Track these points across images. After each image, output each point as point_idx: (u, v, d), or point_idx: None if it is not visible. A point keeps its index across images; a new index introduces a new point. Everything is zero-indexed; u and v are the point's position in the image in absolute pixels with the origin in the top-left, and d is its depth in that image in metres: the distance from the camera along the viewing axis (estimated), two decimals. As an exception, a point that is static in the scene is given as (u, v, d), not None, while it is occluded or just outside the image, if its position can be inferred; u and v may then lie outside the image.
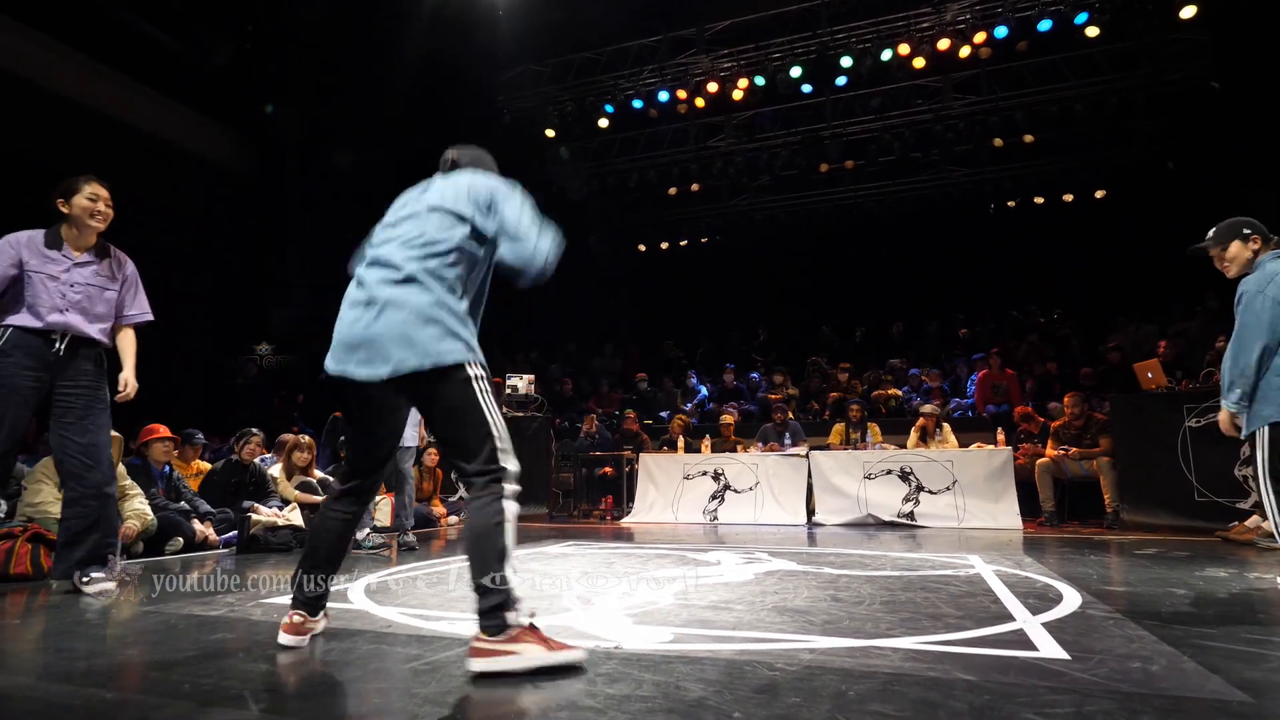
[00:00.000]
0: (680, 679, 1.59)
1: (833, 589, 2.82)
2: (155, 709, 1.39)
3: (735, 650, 1.85)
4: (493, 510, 1.70)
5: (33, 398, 2.87)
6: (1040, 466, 6.08)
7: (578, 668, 1.65)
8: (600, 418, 8.99)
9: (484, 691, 1.52)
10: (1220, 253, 2.91)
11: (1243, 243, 2.86)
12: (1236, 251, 2.87)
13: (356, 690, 1.53)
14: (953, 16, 9.46)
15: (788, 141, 11.43)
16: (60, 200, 3.03)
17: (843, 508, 6.36)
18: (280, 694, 1.48)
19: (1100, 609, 2.38)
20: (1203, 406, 5.07)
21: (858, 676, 1.61)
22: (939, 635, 2.01)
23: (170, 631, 2.09)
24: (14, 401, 2.81)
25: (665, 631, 2.06)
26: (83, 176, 3.07)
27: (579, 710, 1.39)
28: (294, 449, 5.32)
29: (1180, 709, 1.40)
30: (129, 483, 3.99)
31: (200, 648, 1.88)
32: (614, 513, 7.37)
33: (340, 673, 1.66)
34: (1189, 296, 8.84)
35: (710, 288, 13.10)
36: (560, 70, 11.19)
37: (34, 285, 2.90)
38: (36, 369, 2.86)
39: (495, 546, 1.67)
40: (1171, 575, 3.13)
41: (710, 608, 2.45)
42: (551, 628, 2.11)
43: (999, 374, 8.18)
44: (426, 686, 1.55)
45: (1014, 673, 1.64)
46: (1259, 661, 1.74)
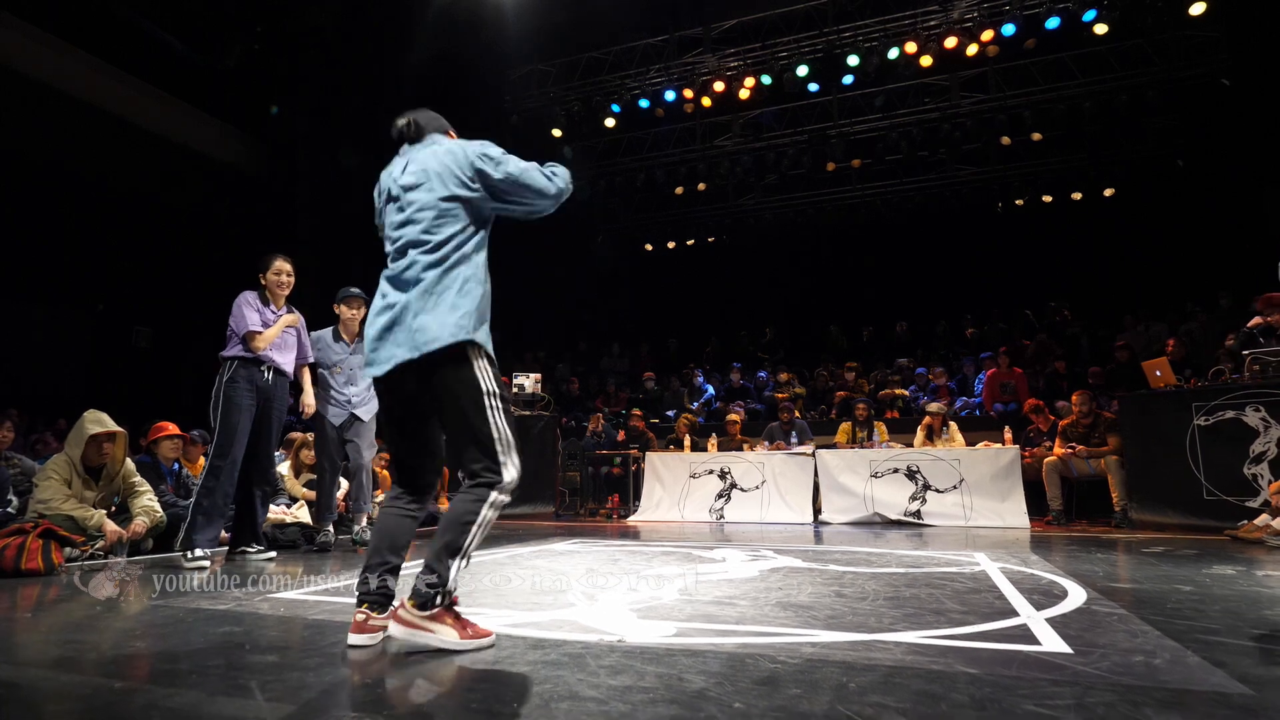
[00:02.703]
0: (682, 671, 1.60)
1: (837, 585, 2.82)
2: (165, 698, 1.41)
3: (737, 644, 1.86)
4: (470, 509, 1.78)
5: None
6: (1048, 465, 6.05)
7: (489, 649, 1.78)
8: (607, 417, 9.00)
9: (485, 685, 1.54)
10: None
11: None
12: None
13: (357, 681, 1.55)
14: (960, 14, 9.43)
15: (794, 140, 11.43)
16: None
17: (849, 506, 6.35)
18: (285, 685, 1.50)
19: (1105, 605, 2.38)
20: (1211, 405, 5.04)
21: (859, 669, 1.61)
22: (942, 630, 2.01)
23: (178, 625, 2.12)
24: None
25: (668, 626, 2.07)
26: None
27: (580, 700, 1.40)
28: (302, 447, 5.37)
29: (1181, 702, 1.40)
30: (138, 479, 4.03)
31: (208, 640, 1.90)
32: (620, 511, 7.39)
33: (344, 664, 1.68)
34: (1200, 295, 8.78)
35: (717, 287, 13.11)
36: (567, 70, 11.23)
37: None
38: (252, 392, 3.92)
39: (457, 540, 1.77)
40: (1178, 573, 3.12)
41: (714, 603, 2.46)
42: (557, 622, 2.13)
43: (1007, 373, 8.14)
44: (428, 679, 1.56)
45: (1016, 666, 1.64)
46: (1264, 657, 1.74)
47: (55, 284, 9.15)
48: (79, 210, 9.04)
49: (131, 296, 9.72)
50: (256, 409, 3.90)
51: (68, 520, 3.60)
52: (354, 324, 4.56)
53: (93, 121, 8.99)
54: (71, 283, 9.31)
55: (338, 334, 4.59)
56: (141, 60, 9.30)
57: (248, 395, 3.84)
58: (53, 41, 8.52)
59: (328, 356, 4.53)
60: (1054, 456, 6.08)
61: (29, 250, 8.60)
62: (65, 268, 9.14)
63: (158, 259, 9.58)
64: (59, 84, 8.61)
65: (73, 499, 3.70)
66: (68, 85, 8.71)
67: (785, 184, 12.16)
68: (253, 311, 3.92)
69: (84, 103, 8.86)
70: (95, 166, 9.20)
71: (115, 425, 3.89)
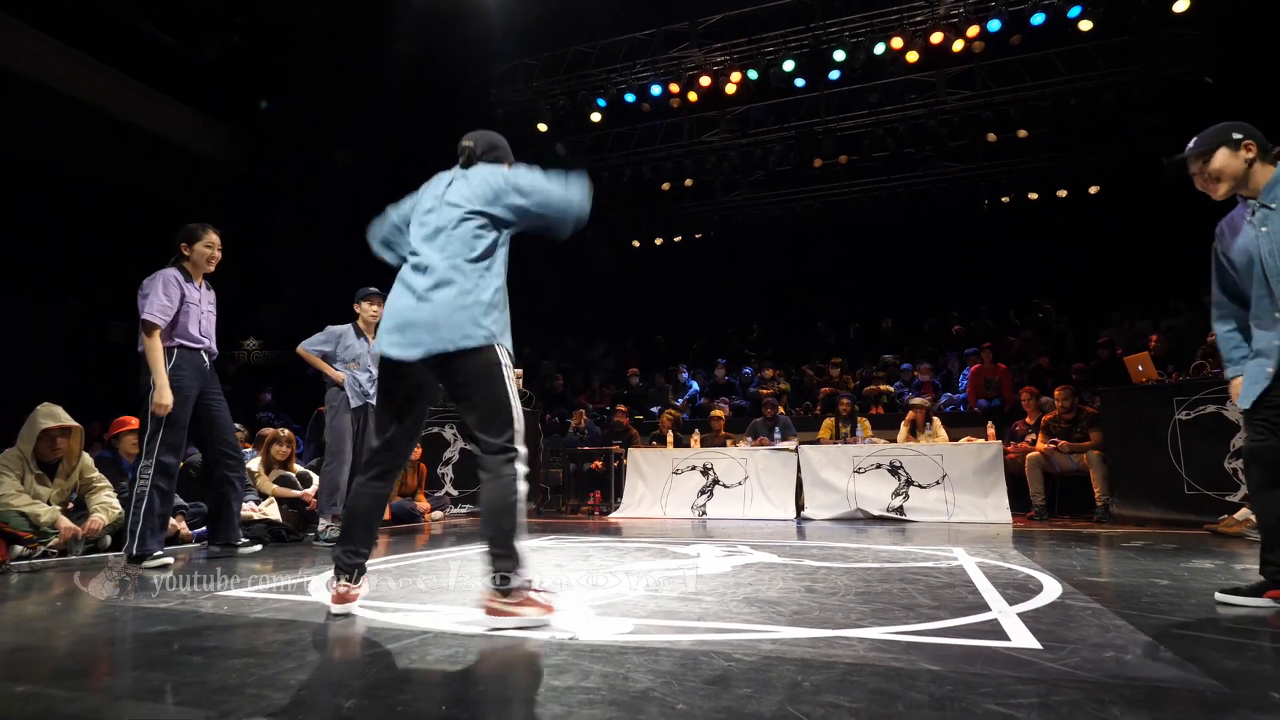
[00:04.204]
0: (631, 670, 1.52)
1: (809, 580, 2.75)
2: (66, 703, 1.31)
3: (694, 641, 1.78)
4: (508, 489, 1.98)
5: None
6: (1030, 461, 6.00)
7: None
8: (590, 413, 8.91)
9: (416, 686, 1.45)
10: (1203, 166, 2.27)
11: (1232, 150, 2.22)
12: (1224, 162, 2.23)
13: (285, 682, 1.45)
14: (945, 10, 9.38)
15: (781, 136, 11.35)
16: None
17: (832, 502, 6.29)
18: (204, 687, 1.40)
19: (1080, 599, 2.31)
20: (1193, 399, 5.00)
21: (817, 667, 1.53)
22: (909, 625, 1.93)
23: (110, 625, 2.02)
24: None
25: (626, 623, 1.99)
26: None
27: (514, 703, 1.31)
28: (273, 442, 5.24)
29: (1152, 699, 1.32)
30: (96, 475, 3.91)
31: (136, 640, 1.80)
32: (602, 508, 7.30)
33: (275, 665, 1.59)
34: (1184, 292, 8.78)
35: (704, 283, 13.02)
36: (552, 64, 11.11)
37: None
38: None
39: (510, 522, 1.97)
40: (1156, 567, 3.06)
41: (679, 599, 2.37)
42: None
43: (991, 368, 8.11)
44: (362, 679, 1.47)
45: (981, 663, 1.57)
46: (1238, 651, 1.67)
47: (29, 279, 8.96)
48: (53, 204, 8.85)
49: (107, 291, 9.53)
50: (197, 398, 3.67)
51: (19, 517, 3.48)
52: (374, 322, 4.70)
53: (68, 113, 8.80)
54: (46, 278, 9.12)
55: (359, 330, 4.76)
56: (118, 50, 9.11)
57: (193, 386, 3.63)
58: (24, 30, 8.33)
59: (350, 352, 4.68)
60: (1036, 452, 6.04)
61: (2, 245, 8.41)
62: (40, 262, 8.94)
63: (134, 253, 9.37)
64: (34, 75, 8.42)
65: (25, 495, 3.57)
66: (42, 75, 8.52)
67: (772, 180, 12.07)
68: (166, 299, 3.56)
69: (59, 93, 8.67)
70: (70, 159, 9.01)
71: (70, 419, 3.77)
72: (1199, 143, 2.29)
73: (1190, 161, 2.32)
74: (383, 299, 4.81)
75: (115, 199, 9.35)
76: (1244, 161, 2.22)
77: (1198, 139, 2.30)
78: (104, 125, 9.17)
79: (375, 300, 4.74)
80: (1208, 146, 2.26)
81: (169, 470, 3.52)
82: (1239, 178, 2.24)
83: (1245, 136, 2.22)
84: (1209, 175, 2.27)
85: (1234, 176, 2.24)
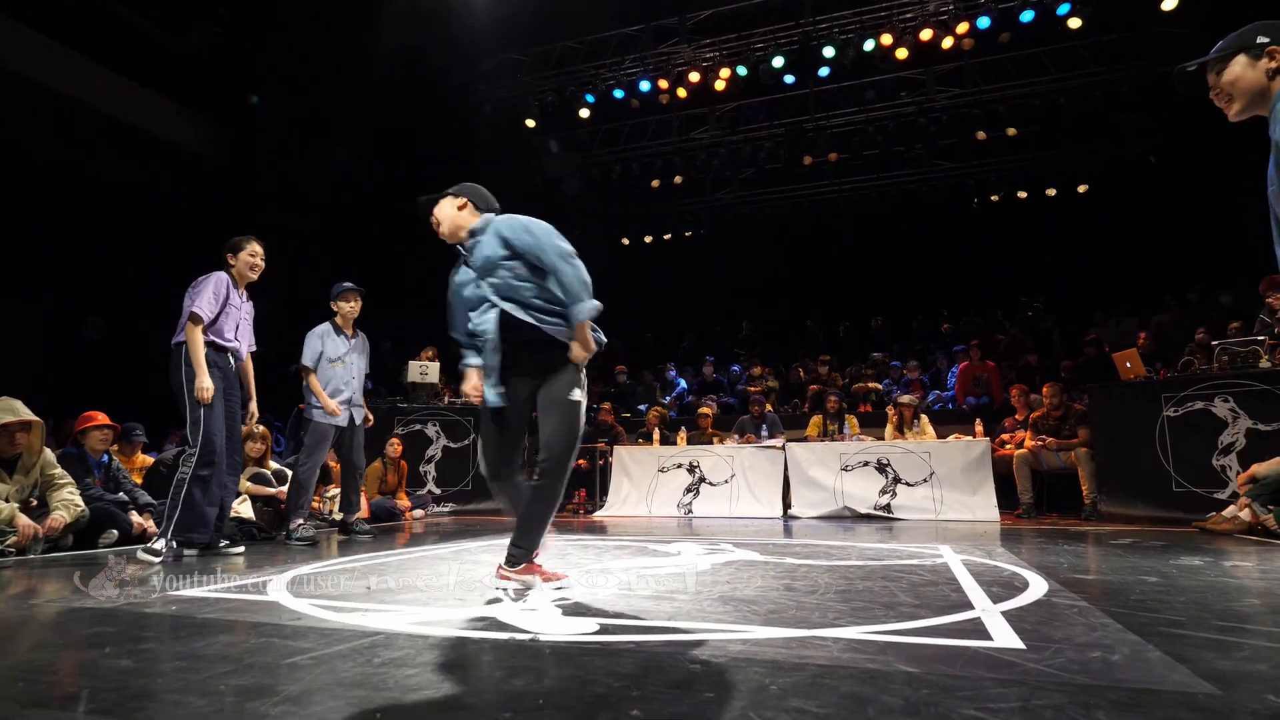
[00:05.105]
0: (590, 673, 1.42)
1: (789, 578, 2.66)
2: (-32, 709, 1.20)
3: (662, 641, 1.69)
4: (551, 497, 2.37)
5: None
6: (1018, 458, 5.95)
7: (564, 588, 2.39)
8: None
9: (350, 690, 1.34)
10: (1216, 78, 1.74)
11: (1252, 59, 1.66)
12: (1239, 73, 1.67)
13: (213, 688, 1.35)
14: (935, 7, 9.34)
15: (771, 134, 11.28)
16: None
17: (819, 500, 6.22)
18: (124, 693, 1.29)
19: (1066, 597, 2.23)
20: (1181, 396, 4.96)
21: (787, 669, 1.44)
22: (889, 625, 1.85)
23: (41, 626, 1.90)
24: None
25: (592, 623, 1.89)
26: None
27: (460, 710, 1.22)
28: (246, 439, 5.11)
29: (1140, 703, 1.24)
30: (58, 472, 3.77)
31: (67, 643, 1.69)
32: (587, 506, 7.20)
33: (209, 668, 1.48)
34: (1173, 290, 8.78)
35: (694, 282, 12.93)
36: (540, 60, 10.99)
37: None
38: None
39: (542, 524, 2.41)
40: (1144, 564, 2.99)
41: (651, 598, 2.28)
42: (474, 619, 1.95)
43: (979, 366, 8.07)
44: (299, 684, 1.37)
45: (961, 664, 1.48)
46: (1230, 651, 1.59)
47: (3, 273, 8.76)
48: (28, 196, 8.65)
49: (83, 286, 9.33)
50: (225, 397, 3.72)
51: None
52: (352, 317, 4.69)
53: (42, 102, 8.60)
54: (20, 272, 8.91)
55: (338, 328, 4.71)
56: (94, 39, 8.92)
57: (218, 382, 3.63)
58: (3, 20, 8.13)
59: (333, 350, 4.64)
60: (1025, 449, 5.99)
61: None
62: (13, 256, 8.74)
63: (111, 247, 9.20)
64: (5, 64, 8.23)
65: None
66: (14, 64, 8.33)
67: (762, 178, 12.00)
68: (214, 297, 3.64)
69: (32, 82, 8.48)
70: (44, 151, 8.82)
71: (30, 414, 3.64)
72: (1221, 45, 1.75)
73: (1208, 71, 1.76)
74: (359, 294, 4.73)
75: (88, 191, 9.14)
76: (1264, 73, 1.63)
77: (1224, 40, 1.76)
78: (80, 117, 8.97)
79: (351, 296, 4.71)
80: (1226, 51, 1.71)
81: (210, 460, 3.53)
82: (1254, 95, 1.65)
83: (1273, 41, 1.64)
84: (1220, 91, 1.73)
85: (1247, 93, 1.65)
